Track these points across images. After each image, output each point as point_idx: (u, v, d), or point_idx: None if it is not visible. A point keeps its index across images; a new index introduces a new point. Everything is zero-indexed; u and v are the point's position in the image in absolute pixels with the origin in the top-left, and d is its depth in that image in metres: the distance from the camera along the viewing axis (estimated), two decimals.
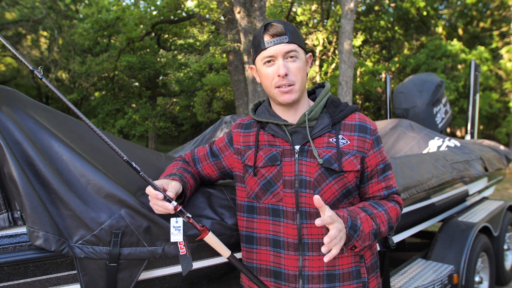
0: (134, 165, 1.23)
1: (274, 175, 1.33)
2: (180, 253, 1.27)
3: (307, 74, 1.41)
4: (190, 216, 1.25)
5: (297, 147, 1.32)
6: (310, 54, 1.40)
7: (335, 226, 1.13)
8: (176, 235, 1.26)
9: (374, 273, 1.40)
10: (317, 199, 1.13)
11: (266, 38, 1.29)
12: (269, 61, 1.30)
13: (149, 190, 1.23)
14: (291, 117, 1.37)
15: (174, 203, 1.22)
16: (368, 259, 1.38)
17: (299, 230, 1.30)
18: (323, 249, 1.12)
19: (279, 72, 1.27)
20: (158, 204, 1.22)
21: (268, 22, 1.31)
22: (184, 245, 1.27)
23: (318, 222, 1.11)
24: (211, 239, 1.28)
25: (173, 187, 1.27)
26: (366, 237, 1.25)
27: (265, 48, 1.29)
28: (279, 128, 1.35)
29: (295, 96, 1.31)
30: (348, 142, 1.32)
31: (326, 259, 1.13)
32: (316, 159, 1.29)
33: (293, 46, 1.29)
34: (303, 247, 1.30)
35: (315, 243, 1.29)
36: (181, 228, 1.26)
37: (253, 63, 1.40)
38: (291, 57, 1.29)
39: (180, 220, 1.27)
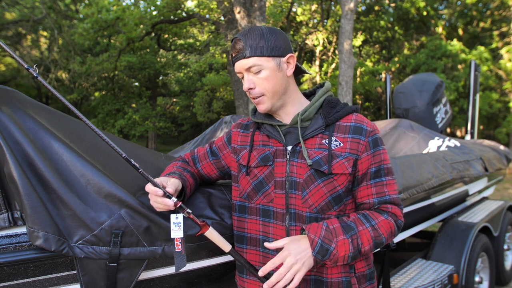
0: (133, 162, 1.23)
1: (266, 175, 1.33)
2: (176, 250, 1.27)
3: (297, 75, 1.41)
4: (190, 211, 1.26)
5: (289, 148, 1.32)
6: (290, 55, 1.32)
7: (286, 262, 1.16)
8: (176, 231, 1.26)
9: (367, 283, 1.35)
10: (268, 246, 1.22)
11: (232, 54, 1.33)
12: (241, 77, 1.34)
13: (148, 187, 1.23)
14: (286, 118, 1.37)
15: (174, 199, 1.22)
16: (359, 270, 1.33)
17: (288, 232, 1.29)
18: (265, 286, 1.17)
19: (244, 87, 1.32)
20: (158, 201, 1.22)
21: (234, 37, 1.33)
22: (180, 243, 1.27)
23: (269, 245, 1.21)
24: (211, 234, 1.28)
25: (172, 183, 1.28)
26: (339, 259, 1.20)
27: (233, 65, 1.34)
28: (274, 129, 1.36)
29: (267, 105, 1.32)
30: (341, 145, 1.28)
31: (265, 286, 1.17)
32: (307, 160, 1.28)
33: (252, 60, 1.27)
34: None
35: None
36: (181, 225, 1.26)
37: None
38: (254, 71, 1.29)
39: (180, 216, 1.27)
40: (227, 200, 1.55)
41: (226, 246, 1.29)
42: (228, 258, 1.62)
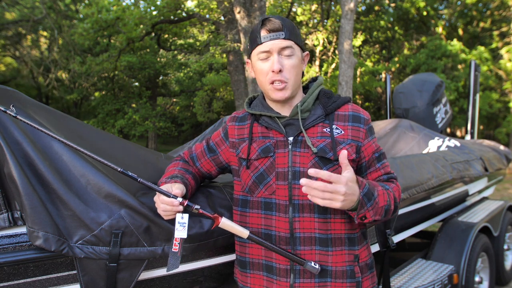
0: (130, 173, 1.23)
1: (267, 167, 1.32)
2: (172, 250, 1.26)
3: (303, 73, 1.41)
4: (199, 207, 1.25)
5: (290, 139, 1.32)
6: (307, 52, 1.39)
7: (337, 187, 1.11)
8: (181, 231, 1.25)
9: (369, 273, 1.38)
10: (343, 154, 1.13)
11: (263, 33, 1.29)
12: (264, 57, 1.30)
13: (156, 198, 1.26)
14: (285, 111, 1.37)
15: (180, 199, 1.23)
16: (363, 259, 1.36)
17: (291, 224, 1.29)
18: (302, 181, 1.12)
19: (273, 67, 1.27)
20: (166, 208, 1.23)
21: (266, 17, 1.30)
22: (179, 243, 1.26)
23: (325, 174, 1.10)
24: (225, 224, 1.28)
25: (177, 188, 1.28)
26: (378, 210, 1.22)
27: (261, 43, 1.29)
28: (273, 121, 1.35)
29: (288, 93, 1.31)
30: (343, 132, 1.31)
31: (303, 181, 1.12)
32: (310, 149, 1.28)
33: (289, 43, 1.28)
34: (294, 241, 1.29)
35: (307, 237, 1.28)
36: (186, 225, 1.26)
37: (249, 57, 1.39)
38: (287, 53, 1.29)
39: (186, 216, 1.26)
40: (227, 200, 1.55)
41: (243, 232, 1.27)
42: (227, 258, 1.62)
